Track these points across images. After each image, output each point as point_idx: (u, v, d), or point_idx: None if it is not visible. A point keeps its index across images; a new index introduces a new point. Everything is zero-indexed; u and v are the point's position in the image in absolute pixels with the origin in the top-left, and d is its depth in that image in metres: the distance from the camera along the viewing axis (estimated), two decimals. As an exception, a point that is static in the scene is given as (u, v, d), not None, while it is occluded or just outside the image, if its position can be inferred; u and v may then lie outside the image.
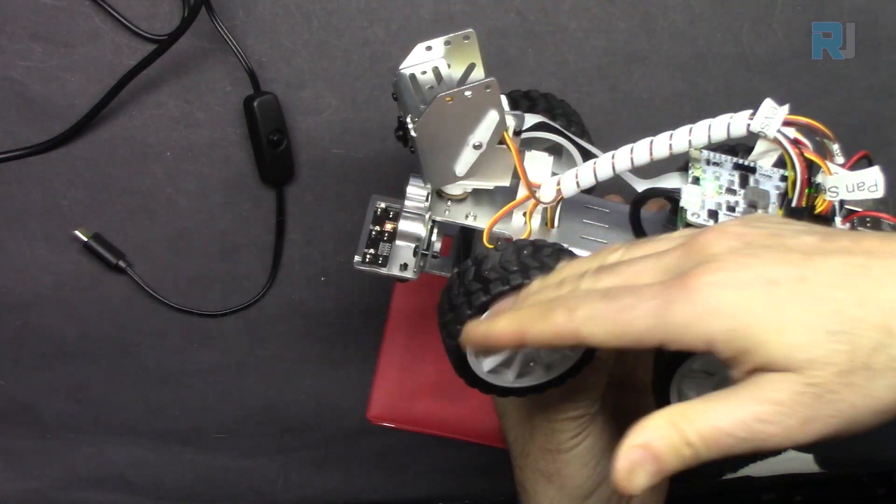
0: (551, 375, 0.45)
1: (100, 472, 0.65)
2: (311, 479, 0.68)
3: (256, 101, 0.57)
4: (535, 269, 0.41)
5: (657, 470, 0.32)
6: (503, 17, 0.59)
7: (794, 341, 0.31)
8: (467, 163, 0.44)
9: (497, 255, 0.42)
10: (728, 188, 0.45)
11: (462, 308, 0.42)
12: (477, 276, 0.42)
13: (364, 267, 0.48)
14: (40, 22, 0.55)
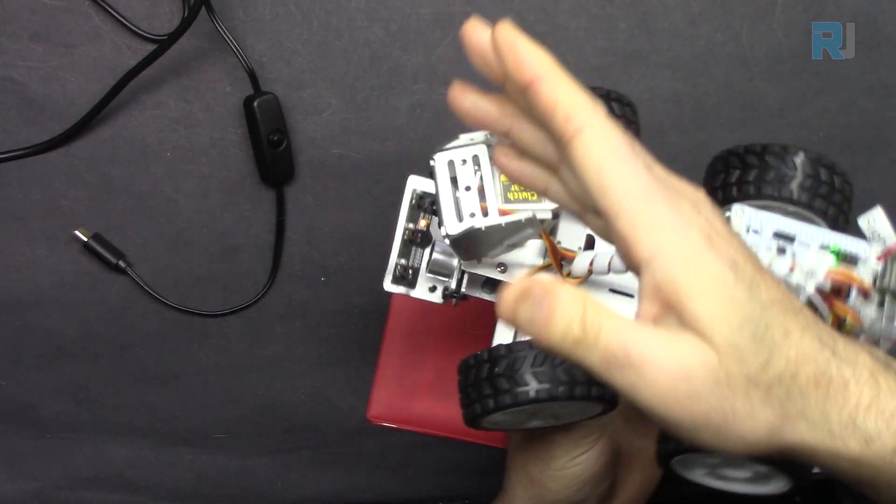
0: (559, 422, 0.46)
1: (100, 472, 0.65)
2: (311, 479, 0.68)
3: (256, 101, 0.57)
4: (543, 389, 0.42)
5: (536, 319, 0.30)
6: (503, 17, 0.59)
7: (736, 326, 0.30)
8: (498, 254, 0.44)
9: (510, 360, 0.43)
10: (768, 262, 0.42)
11: (474, 405, 0.44)
12: (489, 377, 0.43)
13: (393, 288, 0.47)
14: (40, 22, 0.55)
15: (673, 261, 0.31)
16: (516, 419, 0.46)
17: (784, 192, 0.45)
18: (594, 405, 0.44)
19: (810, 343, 0.31)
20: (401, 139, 0.61)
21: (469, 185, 0.42)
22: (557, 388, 0.42)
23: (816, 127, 0.64)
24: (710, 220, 0.32)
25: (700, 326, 0.30)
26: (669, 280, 0.30)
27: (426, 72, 0.59)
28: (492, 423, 0.46)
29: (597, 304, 0.30)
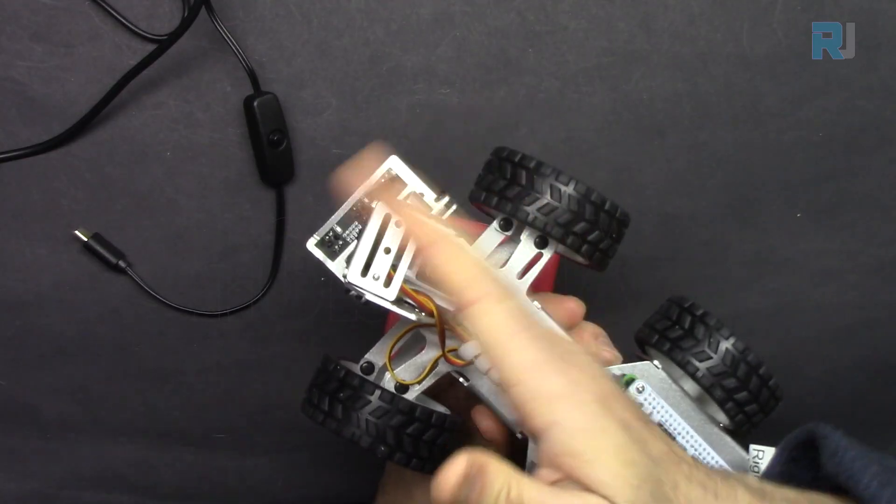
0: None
1: (100, 472, 0.65)
2: (311, 479, 0.68)
3: (256, 101, 0.57)
4: (393, 450, 0.43)
5: (472, 497, 0.34)
6: (503, 17, 0.59)
7: (635, 486, 0.33)
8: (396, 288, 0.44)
9: (373, 407, 0.44)
10: None
11: (309, 407, 0.46)
12: (333, 396, 0.45)
13: (315, 250, 0.47)
14: (40, 22, 0.55)
15: (570, 432, 0.34)
16: None
17: (698, 374, 0.46)
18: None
19: (696, 491, 0.35)
20: (401, 139, 0.61)
21: (390, 247, 0.43)
22: (378, 445, 0.43)
23: (816, 127, 0.64)
24: (602, 383, 0.35)
25: (604, 491, 0.33)
26: (568, 451, 0.34)
27: (426, 72, 0.59)
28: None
29: (518, 477, 0.34)
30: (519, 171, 0.45)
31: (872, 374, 0.73)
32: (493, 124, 0.61)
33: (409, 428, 0.44)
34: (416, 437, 0.44)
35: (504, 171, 0.46)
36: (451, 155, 0.61)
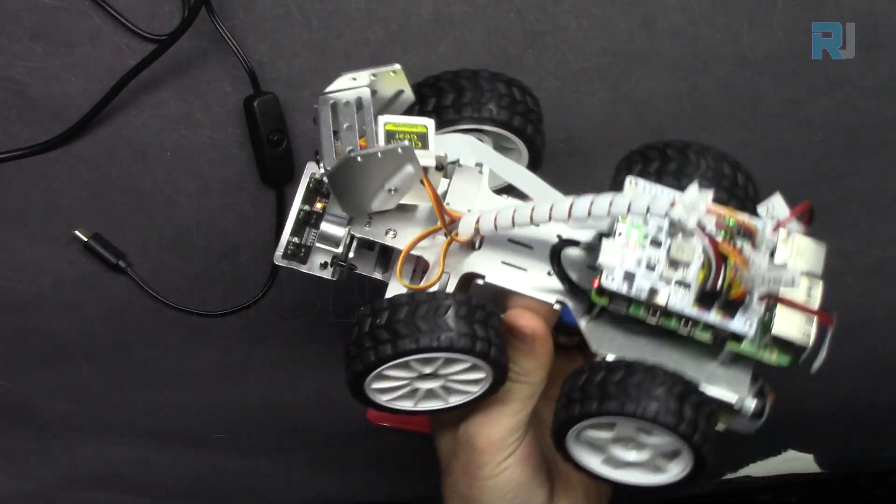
0: (453, 402, 0.45)
1: (100, 472, 0.65)
2: (311, 479, 0.68)
3: (256, 101, 0.57)
4: (426, 335, 0.41)
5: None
6: (503, 17, 0.59)
7: None
8: (382, 202, 0.43)
9: (390, 312, 0.42)
10: (653, 239, 0.43)
11: (355, 362, 0.42)
12: (370, 331, 0.42)
13: (284, 262, 0.47)
14: (40, 22, 0.55)
15: None
16: (404, 384, 0.44)
17: (683, 183, 0.44)
18: (481, 369, 0.43)
19: None
20: (401, 139, 0.61)
21: (349, 123, 0.43)
22: (475, 342, 0.41)
23: (816, 127, 0.64)
24: None
25: None
26: None
27: (426, 72, 0.59)
28: (379, 393, 0.44)
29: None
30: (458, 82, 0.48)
31: (872, 374, 0.73)
32: (493, 124, 0.61)
33: (486, 317, 0.43)
34: (496, 328, 0.43)
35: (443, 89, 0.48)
36: (451, 155, 0.61)
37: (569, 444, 0.44)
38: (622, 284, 0.42)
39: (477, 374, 0.44)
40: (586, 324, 0.45)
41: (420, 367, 0.43)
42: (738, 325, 0.42)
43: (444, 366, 0.43)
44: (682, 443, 0.42)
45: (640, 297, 0.42)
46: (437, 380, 0.44)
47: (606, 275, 0.42)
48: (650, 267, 0.42)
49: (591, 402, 0.42)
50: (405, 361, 0.42)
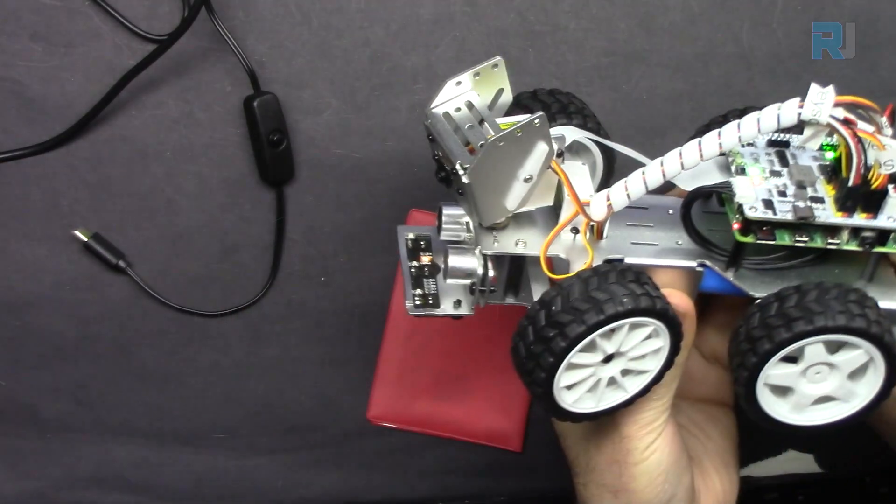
0: (632, 390, 0.45)
1: (100, 472, 0.65)
2: (311, 479, 0.68)
3: (256, 101, 0.57)
4: (608, 303, 0.41)
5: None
6: (503, 17, 0.59)
7: None
8: (518, 196, 0.43)
9: (564, 294, 0.42)
10: (772, 170, 0.44)
11: (544, 356, 0.42)
12: (549, 321, 0.42)
13: (418, 312, 0.46)
14: (40, 22, 0.55)
15: None
16: (588, 375, 0.44)
17: None
18: (659, 335, 0.44)
19: None
20: (401, 139, 0.61)
21: (470, 123, 0.43)
22: (625, 301, 0.41)
23: (816, 127, 0.64)
24: None
25: None
26: None
27: (426, 72, 0.60)
28: (566, 392, 0.44)
29: None
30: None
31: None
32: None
33: (648, 279, 0.44)
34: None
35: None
36: (451, 155, 0.61)
37: (759, 394, 0.44)
38: (765, 212, 0.43)
39: (656, 343, 0.44)
40: (734, 276, 0.45)
41: (604, 345, 0.43)
42: (882, 222, 0.43)
43: (627, 338, 0.43)
44: (874, 347, 0.42)
45: (785, 218, 0.43)
46: (619, 361, 0.44)
47: (748, 206, 0.43)
48: (782, 193, 0.44)
49: (779, 332, 0.42)
50: (591, 341, 0.42)
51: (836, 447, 0.75)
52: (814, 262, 0.46)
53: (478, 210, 0.44)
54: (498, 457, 0.70)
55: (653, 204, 0.48)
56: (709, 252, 0.46)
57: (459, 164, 0.42)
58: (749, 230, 0.44)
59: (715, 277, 0.46)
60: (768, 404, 0.45)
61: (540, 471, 0.71)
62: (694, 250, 0.46)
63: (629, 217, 0.47)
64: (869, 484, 0.74)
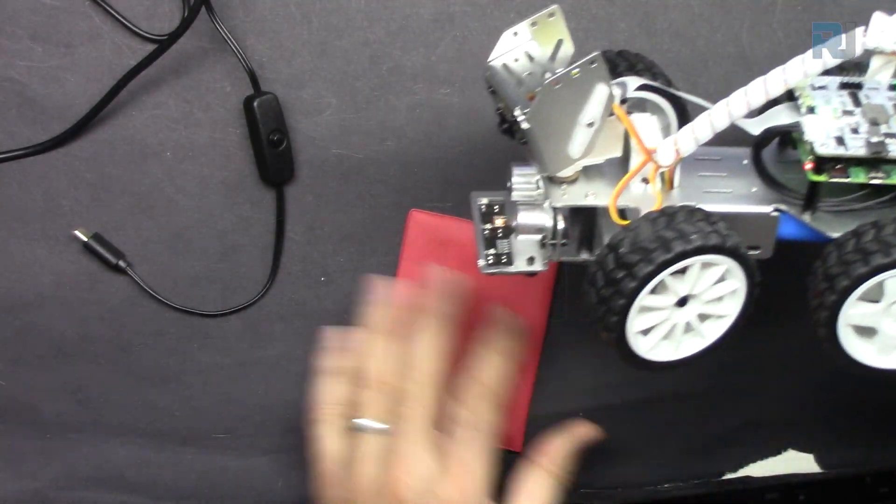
0: (710, 337, 0.45)
1: (100, 472, 0.65)
2: (311, 479, 0.68)
3: (256, 101, 0.57)
4: (676, 240, 0.41)
5: None
6: (503, 17, 0.59)
7: None
8: (582, 143, 0.43)
9: (631, 234, 0.42)
10: (844, 111, 0.44)
11: (615, 298, 0.42)
12: (618, 263, 0.41)
13: (491, 270, 0.46)
14: (40, 22, 0.55)
15: None
16: (663, 320, 0.44)
17: None
18: (734, 276, 0.43)
19: None
20: (401, 139, 0.61)
21: (529, 71, 0.43)
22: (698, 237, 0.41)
23: (816, 127, 0.64)
24: None
25: None
26: None
27: (426, 72, 0.60)
28: (641, 338, 0.44)
29: None
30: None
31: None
32: (494, 124, 0.61)
33: (718, 218, 0.43)
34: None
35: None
36: (451, 155, 0.61)
37: (841, 336, 0.43)
38: (837, 148, 0.42)
39: (731, 284, 0.44)
40: (810, 218, 0.45)
41: (676, 286, 0.42)
42: None
43: (699, 279, 0.43)
44: None
45: (858, 154, 0.42)
46: (694, 305, 0.44)
47: (819, 143, 0.42)
48: (854, 131, 0.43)
49: (857, 266, 0.41)
50: (662, 281, 0.42)
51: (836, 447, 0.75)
52: (892, 202, 0.45)
53: (542, 159, 0.43)
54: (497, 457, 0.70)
55: (726, 155, 0.48)
56: (783, 197, 0.46)
57: (519, 110, 0.41)
58: (822, 169, 0.43)
59: (791, 223, 0.46)
60: (852, 347, 0.44)
61: (540, 471, 0.71)
62: (768, 197, 0.46)
63: (701, 168, 0.47)
64: (869, 484, 0.74)
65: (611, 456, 0.73)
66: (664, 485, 0.73)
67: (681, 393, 0.71)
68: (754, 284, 0.44)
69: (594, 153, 0.44)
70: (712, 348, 0.45)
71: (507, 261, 0.46)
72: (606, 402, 0.70)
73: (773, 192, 0.46)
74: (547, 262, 0.46)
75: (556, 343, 0.68)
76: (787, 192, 0.46)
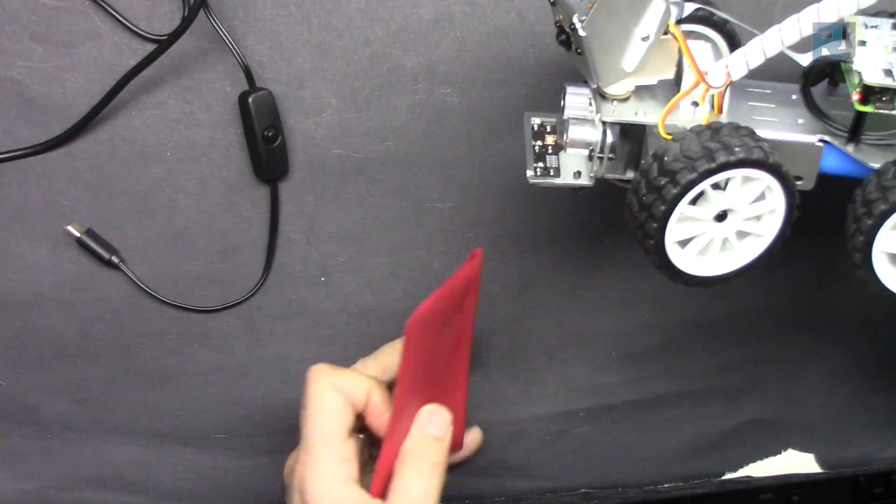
0: (746, 256, 0.45)
1: (100, 472, 0.65)
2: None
3: (251, 97, 0.57)
4: (720, 151, 0.41)
5: None
6: (503, 17, 0.59)
7: None
8: (636, 57, 0.44)
9: (676, 146, 0.42)
10: (894, 48, 0.45)
11: (656, 205, 0.42)
12: (661, 171, 0.42)
13: (538, 180, 0.48)
14: (40, 22, 0.55)
15: None
16: (701, 233, 0.45)
17: None
18: (773, 194, 0.44)
19: None
20: (401, 139, 0.61)
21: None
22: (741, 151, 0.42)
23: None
24: None
25: None
26: None
27: (426, 72, 0.60)
28: (678, 248, 0.44)
29: None
30: None
31: (872, 374, 0.73)
32: (493, 124, 0.61)
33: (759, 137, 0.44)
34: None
35: None
36: (451, 155, 0.61)
37: (875, 263, 0.44)
38: (885, 79, 0.43)
39: (771, 203, 0.44)
40: (854, 149, 0.46)
41: (717, 199, 0.43)
42: None
43: (739, 193, 0.43)
44: None
45: None
46: (733, 220, 0.44)
47: (868, 73, 0.43)
48: None
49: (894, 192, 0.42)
50: (702, 192, 0.42)
51: (836, 447, 0.75)
52: None
53: (595, 70, 0.44)
54: (498, 456, 0.70)
55: (776, 89, 0.49)
56: (829, 129, 0.46)
57: (577, 17, 0.42)
58: (868, 99, 0.44)
59: (835, 156, 0.46)
60: (886, 275, 0.45)
61: (539, 471, 0.71)
62: (814, 127, 0.47)
63: (751, 98, 0.48)
64: (863, 484, 0.74)
65: (611, 456, 0.73)
66: (664, 485, 0.73)
67: (681, 393, 0.72)
68: (793, 206, 0.45)
69: (647, 72, 0.45)
70: (747, 268, 0.46)
71: (554, 174, 0.48)
72: (606, 402, 0.71)
73: (819, 124, 0.47)
74: (593, 177, 0.47)
75: (557, 343, 0.69)
76: (833, 124, 0.47)
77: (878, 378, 0.72)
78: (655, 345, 0.69)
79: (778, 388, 0.73)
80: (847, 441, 0.75)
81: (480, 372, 0.68)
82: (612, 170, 0.48)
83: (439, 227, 0.63)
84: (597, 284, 0.67)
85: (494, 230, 0.64)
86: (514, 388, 0.69)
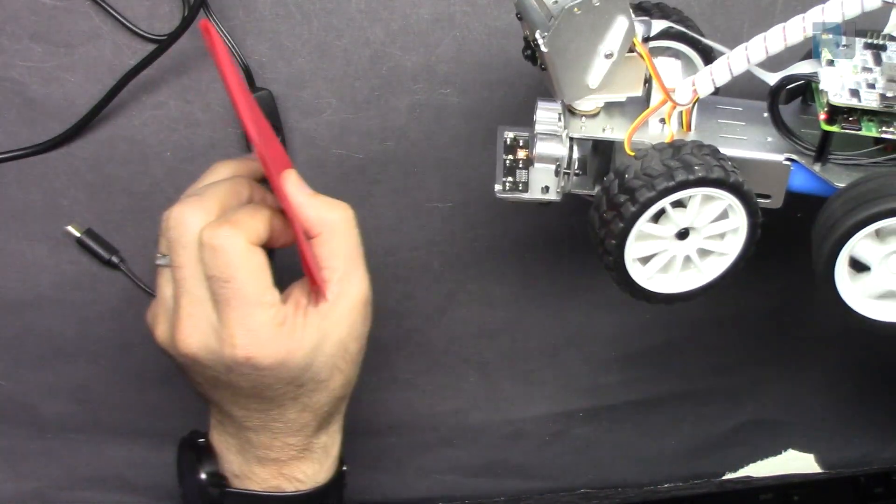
0: (709, 274, 0.46)
1: (100, 472, 0.65)
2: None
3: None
4: (679, 170, 0.42)
5: None
6: (503, 17, 0.59)
7: None
8: (600, 73, 0.44)
9: (638, 163, 0.42)
10: (864, 67, 0.45)
11: (615, 222, 0.42)
12: (622, 188, 0.42)
13: (506, 195, 0.48)
14: (40, 22, 0.55)
15: None
16: (662, 250, 0.45)
17: None
18: (735, 213, 0.44)
19: None
20: (401, 139, 0.61)
21: (556, 1, 0.43)
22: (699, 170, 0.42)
23: (816, 127, 0.64)
24: None
25: None
26: None
27: (426, 72, 0.60)
28: (639, 265, 0.45)
29: None
30: None
31: (872, 375, 0.73)
32: (493, 124, 0.61)
33: (723, 156, 0.44)
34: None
35: None
36: (451, 155, 0.61)
37: (837, 278, 0.44)
38: (850, 99, 0.43)
39: (733, 221, 0.44)
40: (820, 169, 0.46)
41: (677, 217, 0.43)
42: None
43: (700, 212, 0.44)
44: None
45: (870, 106, 0.43)
46: (694, 238, 0.44)
47: (834, 93, 0.43)
48: (870, 86, 0.44)
49: (872, 205, 0.42)
50: (662, 210, 0.43)
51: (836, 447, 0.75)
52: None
53: (559, 86, 0.44)
54: (498, 456, 0.70)
55: (747, 106, 0.49)
56: (797, 148, 0.46)
57: (539, 33, 0.42)
58: (834, 120, 0.44)
59: (802, 175, 0.46)
60: (847, 292, 0.45)
61: (539, 471, 0.71)
62: (782, 146, 0.47)
63: (721, 116, 0.48)
64: (863, 484, 0.74)
65: (611, 456, 0.73)
66: (664, 485, 0.73)
67: (681, 393, 0.72)
68: (756, 224, 0.45)
69: (614, 89, 0.45)
70: (711, 286, 0.46)
71: (522, 188, 0.48)
72: (606, 402, 0.71)
73: (787, 143, 0.47)
74: (560, 192, 0.48)
75: (557, 343, 0.69)
76: (800, 143, 0.47)
77: (878, 378, 0.72)
78: (655, 345, 0.69)
79: (778, 388, 0.73)
80: (847, 441, 0.75)
81: (480, 372, 0.68)
82: (581, 185, 0.49)
83: (439, 227, 0.63)
84: (597, 284, 0.66)
85: (494, 230, 0.64)
86: (514, 388, 0.69)
